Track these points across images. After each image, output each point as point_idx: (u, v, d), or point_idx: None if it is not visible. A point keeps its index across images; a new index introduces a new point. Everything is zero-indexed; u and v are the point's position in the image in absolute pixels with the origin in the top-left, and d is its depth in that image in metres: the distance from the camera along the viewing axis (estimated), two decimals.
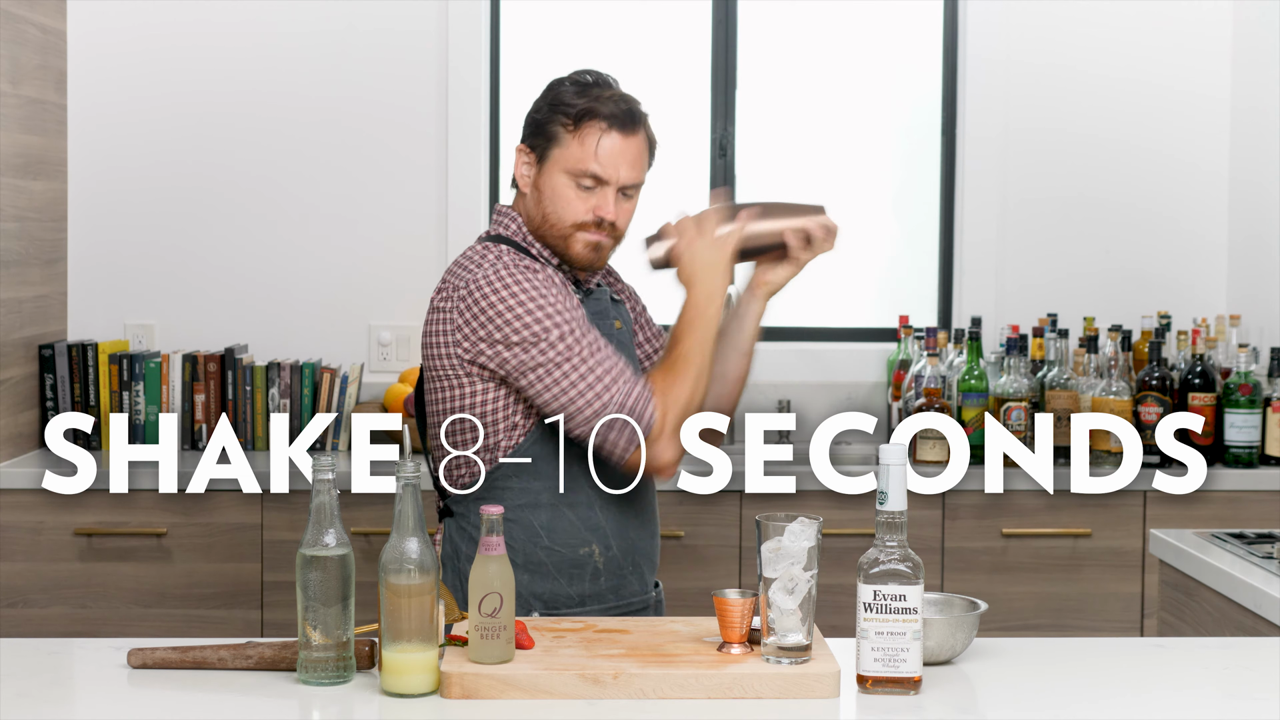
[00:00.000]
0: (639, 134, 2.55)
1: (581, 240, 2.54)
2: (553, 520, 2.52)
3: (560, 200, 2.53)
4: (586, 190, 2.52)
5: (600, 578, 2.53)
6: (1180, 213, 4.43)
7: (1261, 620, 2.57)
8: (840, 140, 4.50)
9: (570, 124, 2.52)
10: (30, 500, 3.69)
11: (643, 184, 2.58)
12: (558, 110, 2.54)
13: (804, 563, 2.03)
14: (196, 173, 4.29)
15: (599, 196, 2.52)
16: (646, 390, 2.46)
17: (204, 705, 1.96)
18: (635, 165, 2.54)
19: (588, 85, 2.55)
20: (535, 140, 2.58)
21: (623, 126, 2.52)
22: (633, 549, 2.57)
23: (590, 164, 2.51)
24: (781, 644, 2.03)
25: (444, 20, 4.28)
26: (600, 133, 2.51)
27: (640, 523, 2.60)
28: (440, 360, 2.51)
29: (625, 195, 2.55)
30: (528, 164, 2.59)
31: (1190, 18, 4.40)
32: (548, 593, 2.52)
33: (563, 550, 2.52)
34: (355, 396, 4.11)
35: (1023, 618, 3.80)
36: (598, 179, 2.51)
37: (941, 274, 4.47)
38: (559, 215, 2.54)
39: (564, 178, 2.53)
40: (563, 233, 2.54)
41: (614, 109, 2.52)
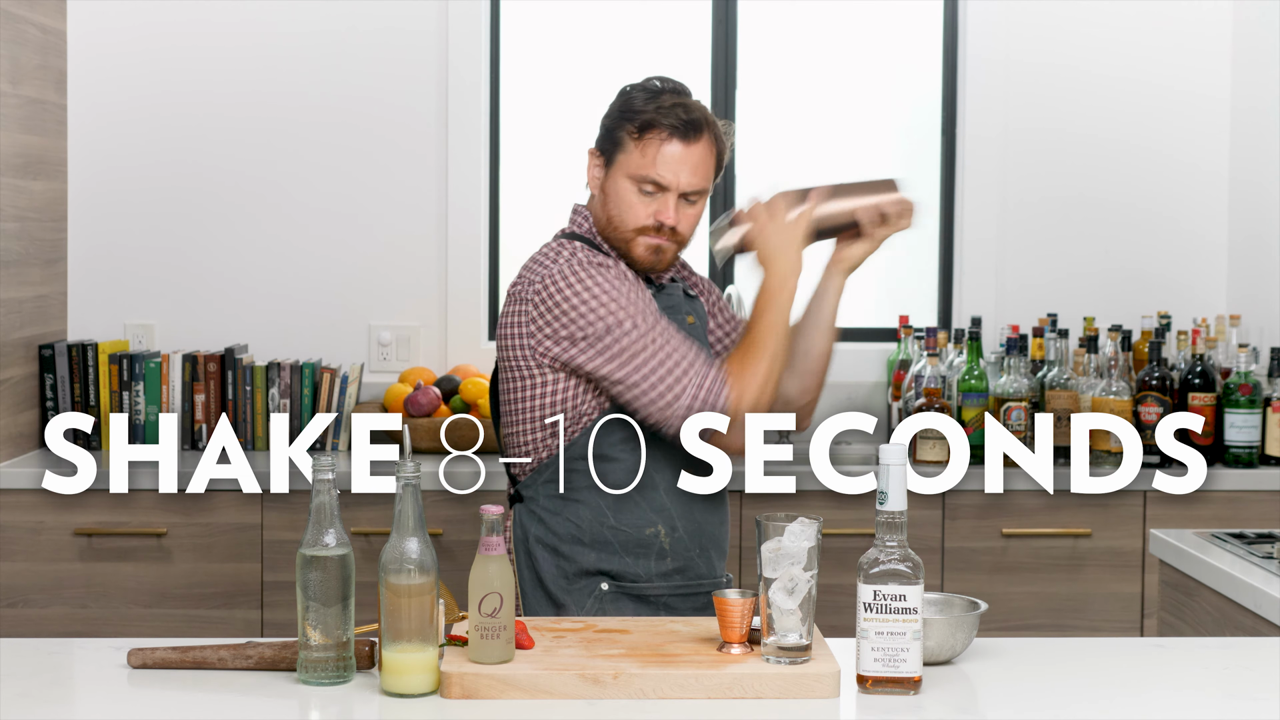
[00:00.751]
0: (702, 141, 2.60)
1: (643, 244, 2.62)
2: (619, 502, 2.59)
3: (623, 204, 2.61)
4: (648, 196, 2.60)
5: (666, 558, 2.61)
6: (1180, 213, 4.43)
7: (1261, 620, 2.57)
8: (840, 140, 4.50)
9: (634, 131, 2.60)
10: (30, 500, 3.69)
11: (708, 190, 2.64)
12: (624, 117, 2.62)
13: (804, 563, 2.03)
14: (196, 173, 4.29)
15: (660, 202, 2.59)
16: (721, 375, 2.52)
17: (204, 705, 1.96)
18: (697, 172, 2.60)
19: (656, 93, 2.62)
20: (604, 145, 2.66)
21: (684, 135, 2.58)
22: (700, 532, 2.64)
23: (650, 171, 2.58)
24: (781, 644, 2.03)
25: (444, 20, 4.28)
26: (661, 141, 2.58)
27: (709, 507, 2.66)
28: (515, 352, 2.61)
29: (688, 201, 2.61)
30: (597, 167, 2.67)
31: (1190, 18, 4.39)
32: (615, 569, 2.60)
33: (629, 530, 2.59)
34: (355, 396, 4.11)
35: (1023, 618, 3.80)
36: (658, 185, 2.59)
37: (941, 274, 4.47)
38: (622, 219, 2.62)
39: (627, 183, 2.60)
40: (625, 236, 2.62)
41: (676, 118, 2.58)
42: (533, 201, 4.44)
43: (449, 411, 4.03)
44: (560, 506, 2.61)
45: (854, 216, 2.63)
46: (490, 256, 4.39)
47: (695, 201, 2.62)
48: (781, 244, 2.59)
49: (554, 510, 2.61)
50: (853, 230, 2.65)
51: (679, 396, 2.50)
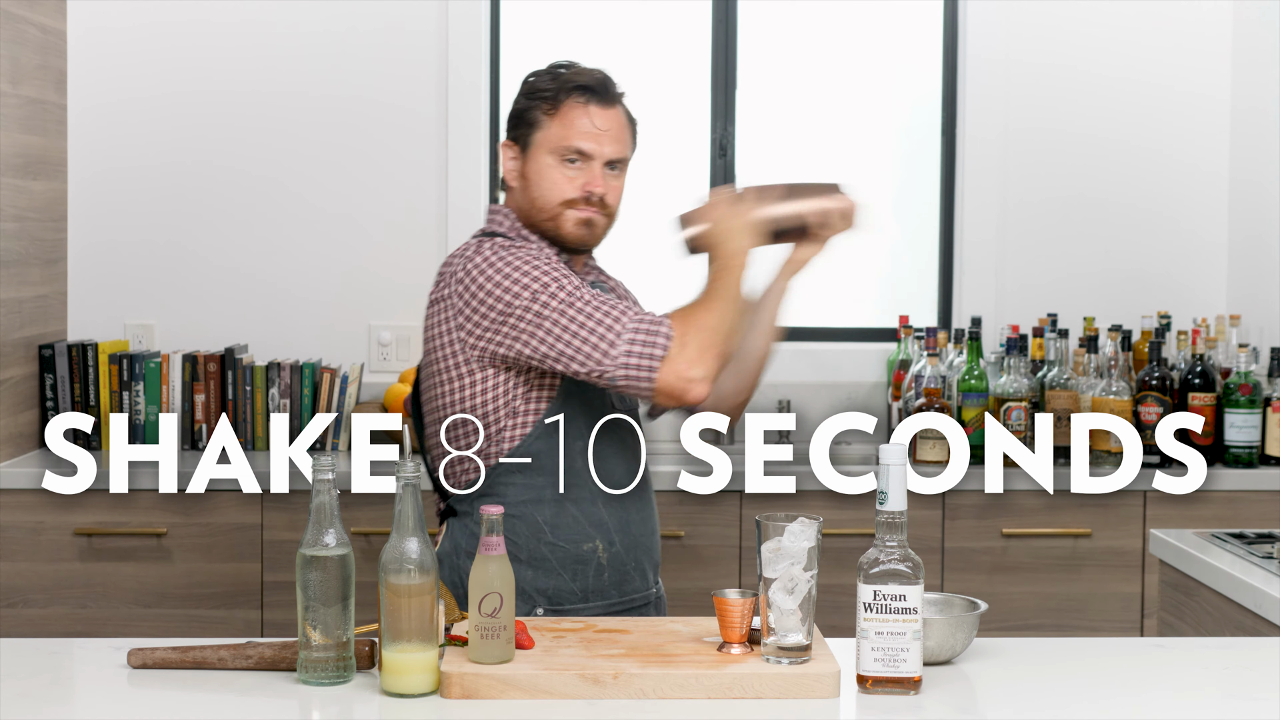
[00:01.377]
0: (617, 107, 2.58)
1: (572, 218, 2.55)
2: (556, 516, 2.52)
3: (546, 181, 2.55)
4: (573, 166, 2.54)
5: (604, 573, 2.54)
6: (1180, 213, 4.43)
7: (1261, 620, 2.57)
8: (840, 140, 4.50)
9: (549, 105, 2.56)
10: (30, 500, 3.69)
11: (628, 160, 2.60)
12: (534, 96, 2.59)
13: (804, 563, 2.03)
14: (196, 173, 4.29)
15: (586, 172, 2.55)
16: (660, 317, 2.44)
17: (204, 705, 1.96)
18: (618, 140, 2.56)
19: (557, 68, 2.60)
20: (517, 131, 2.61)
21: (601, 99, 2.55)
22: (635, 545, 2.58)
23: (573, 139, 2.54)
24: (781, 644, 2.03)
25: (444, 20, 4.28)
26: (579, 107, 2.54)
27: (642, 519, 2.61)
28: (442, 352, 2.52)
29: (612, 170, 2.57)
30: (513, 157, 2.61)
31: (1190, 18, 4.40)
32: (552, 588, 2.52)
33: (566, 546, 2.52)
34: (355, 396, 4.11)
35: (1023, 618, 3.80)
36: (582, 153, 2.54)
37: (941, 274, 4.47)
38: (546, 197, 2.55)
39: (549, 158, 2.55)
40: (552, 214, 2.55)
41: (588, 80, 2.55)
42: None
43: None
44: None
45: (803, 219, 2.61)
46: None
47: (619, 171, 2.58)
48: (731, 231, 2.53)
49: None
50: (800, 233, 2.63)
51: (618, 336, 2.40)
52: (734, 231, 2.53)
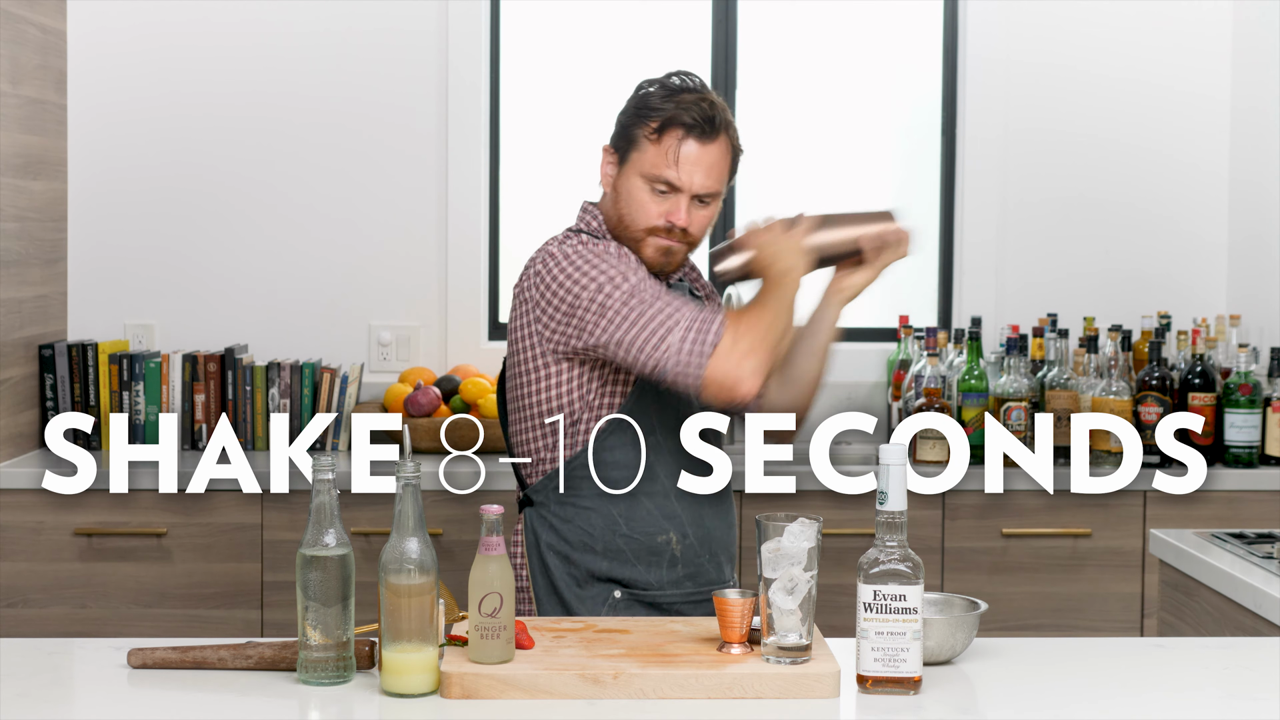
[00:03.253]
0: (718, 141, 2.56)
1: (653, 245, 2.58)
2: (630, 509, 2.57)
3: (635, 203, 2.57)
4: (661, 195, 2.56)
5: (678, 565, 2.59)
6: (1180, 213, 4.43)
7: (1261, 620, 2.57)
8: (840, 140, 4.50)
9: (651, 130, 2.55)
10: (30, 500, 3.69)
11: (721, 193, 2.60)
12: (640, 115, 2.58)
13: (804, 563, 2.03)
14: (196, 173, 4.29)
15: (672, 202, 2.56)
16: (718, 314, 2.48)
17: (204, 705, 1.96)
18: (712, 173, 2.56)
19: (674, 90, 2.57)
20: (619, 142, 2.62)
21: (701, 134, 2.54)
22: (709, 538, 2.62)
23: (664, 170, 2.54)
24: (781, 644, 2.03)
25: (444, 20, 4.28)
26: (677, 140, 2.54)
27: (717, 513, 2.65)
28: (523, 344, 2.59)
29: (701, 203, 2.57)
30: (611, 164, 2.63)
31: (1190, 18, 4.40)
32: (628, 578, 2.58)
33: (640, 538, 2.57)
34: (355, 396, 4.11)
35: (1023, 618, 3.80)
36: (671, 185, 2.55)
37: (941, 274, 4.47)
38: (633, 218, 2.58)
39: (640, 181, 2.56)
40: (635, 236, 2.58)
41: (693, 116, 2.53)
42: (533, 201, 4.44)
43: (449, 411, 4.03)
44: (572, 514, 2.58)
45: (857, 244, 2.62)
46: (490, 256, 4.39)
47: (708, 203, 2.58)
48: (783, 251, 2.55)
49: (566, 518, 2.59)
50: (853, 259, 2.64)
51: (671, 330, 2.43)
52: (786, 253, 2.55)
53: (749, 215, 4.45)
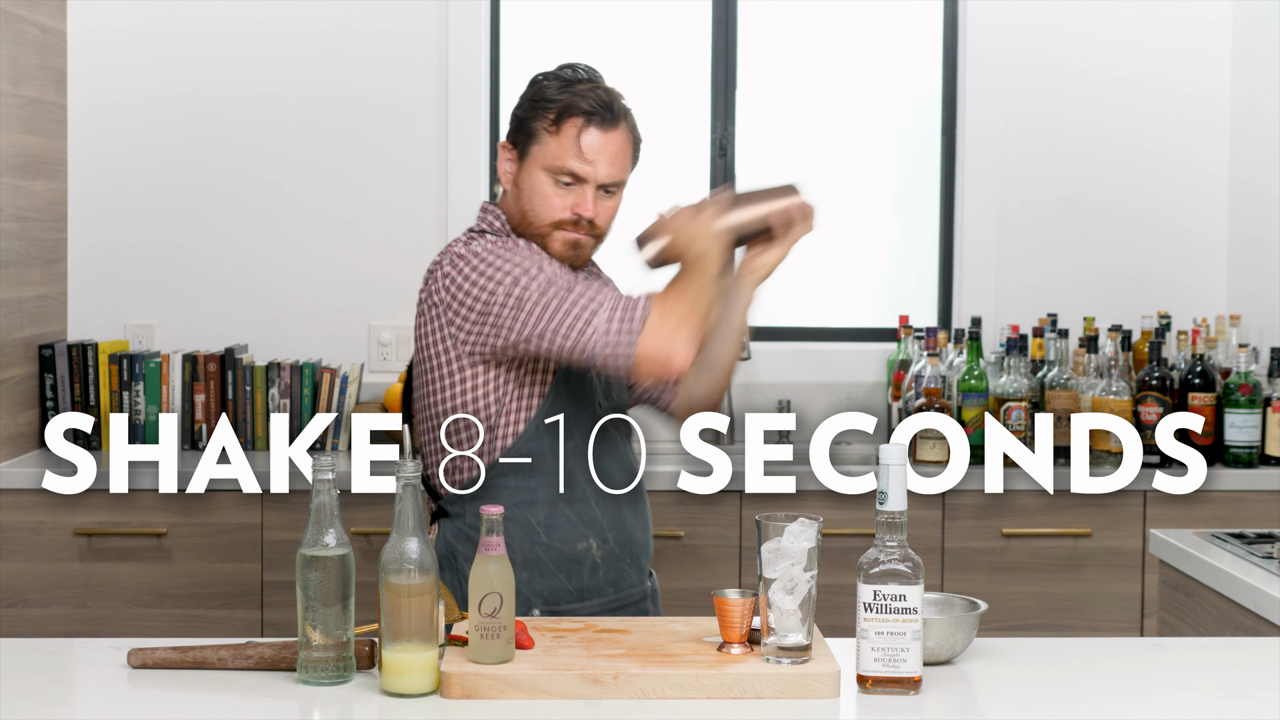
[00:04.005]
0: (619, 129, 2.52)
1: (559, 239, 2.53)
2: (550, 517, 2.52)
3: (539, 198, 2.52)
4: (565, 187, 2.51)
5: (599, 571, 2.54)
6: (1180, 213, 4.43)
7: (1261, 620, 2.57)
8: (840, 140, 4.50)
9: (549, 121, 2.51)
10: (30, 500, 3.69)
11: (625, 182, 2.56)
12: (537, 107, 2.54)
13: (804, 563, 2.03)
14: (196, 173, 4.29)
15: (577, 194, 2.51)
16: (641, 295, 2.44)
17: (204, 705, 1.96)
18: (615, 162, 2.52)
19: (568, 81, 2.54)
20: (517, 137, 2.57)
21: (602, 122, 2.50)
22: (629, 541, 2.58)
23: (568, 161, 2.49)
24: (781, 644, 2.03)
25: (444, 20, 4.28)
26: (578, 129, 2.49)
27: (634, 513, 2.61)
28: (433, 350, 2.52)
29: (606, 193, 2.53)
30: (510, 160, 2.58)
31: (1190, 18, 4.40)
32: (547, 589, 2.52)
33: (561, 546, 2.52)
34: (355, 396, 4.11)
35: (1023, 618, 3.80)
36: (576, 176, 2.50)
37: (941, 274, 4.47)
38: (537, 213, 2.53)
39: (543, 175, 2.51)
40: (541, 231, 2.53)
41: (592, 104, 2.49)
42: None
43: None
44: None
45: (766, 221, 2.57)
46: None
47: (614, 193, 2.54)
48: (697, 235, 2.49)
49: None
50: (763, 236, 2.59)
51: (595, 313, 2.39)
52: (700, 236, 2.49)
53: None
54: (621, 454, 2.61)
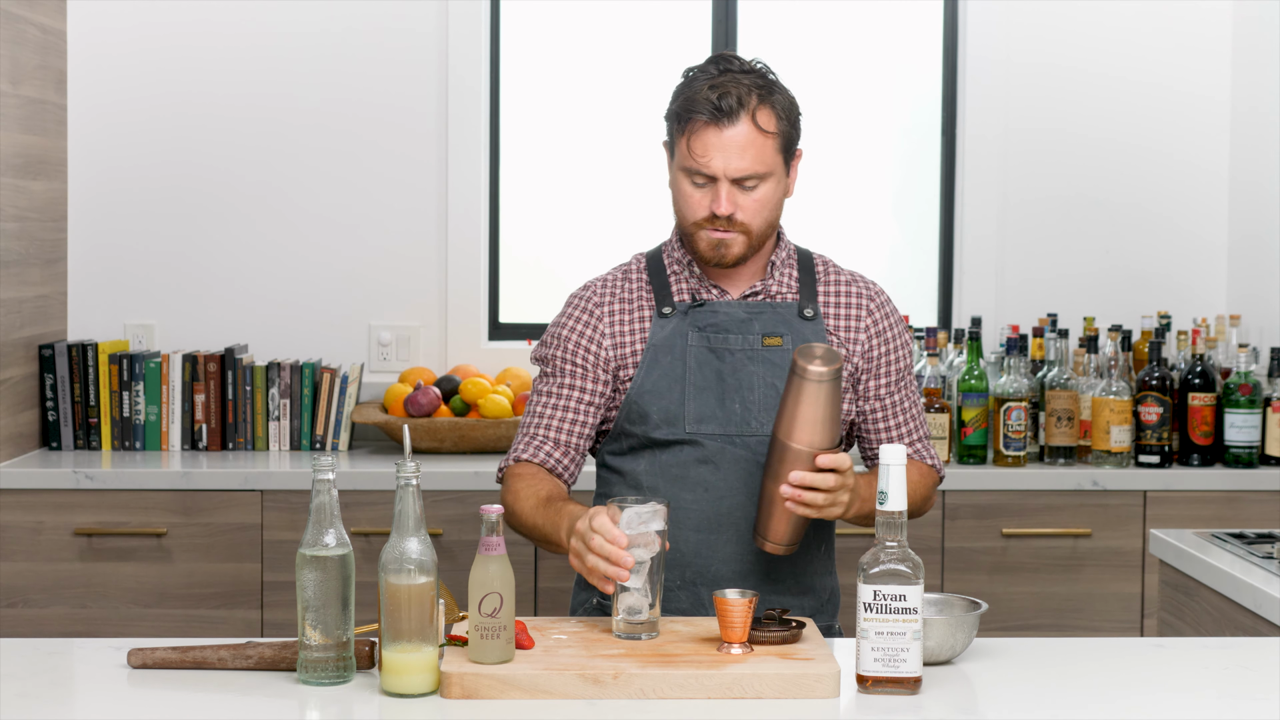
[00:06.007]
0: (740, 122, 2.42)
1: (704, 239, 2.49)
2: None
3: (681, 198, 2.50)
4: (700, 187, 2.47)
5: None
6: (1180, 213, 4.43)
7: (1261, 620, 2.57)
8: (840, 140, 4.50)
9: (677, 123, 2.49)
10: (30, 500, 3.69)
11: (766, 174, 2.46)
12: (671, 108, 2.51)
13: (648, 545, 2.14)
14: (196, 173, 4.29)
15: (712, 192, 2.46)
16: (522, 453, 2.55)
17: (204, 705, 1.96)
18: (744, 154, 2.43)
19: (692, 79, 2.48)
20: (667, 140, 2.54)
21: (716, 119, 2.42)
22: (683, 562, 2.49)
23: (688, 161, 2.46)
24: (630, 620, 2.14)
25: (444, 20, 4.28)
26: (696, 129, 2.44)
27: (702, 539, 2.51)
28: None
29: (743, 187, 2.46)
30: (668, 163, 2.55)
31: (1190, 18, 4.40)
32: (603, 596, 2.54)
33: None
34: (355, 396, 4.11)
35: (1023, 618, 3.80)
36: (703, 175, 2.46)
37: (941, 274, 4.47)
38: (682, 214, 2.51)
39: (681, 176, 2.49)
40: (689, 231, 2.51)
41: (704, 103, 2.43)
42: (533, 202, 4.44)
43: (449, 411, 4.03)
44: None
45: None
46: (490, 256, 4.39)
47: (753, 187, 2.45)
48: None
49: None
50: None
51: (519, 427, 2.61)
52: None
53: None
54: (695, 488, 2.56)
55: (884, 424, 2.58)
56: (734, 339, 2.51)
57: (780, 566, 2.49)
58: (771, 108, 2.45)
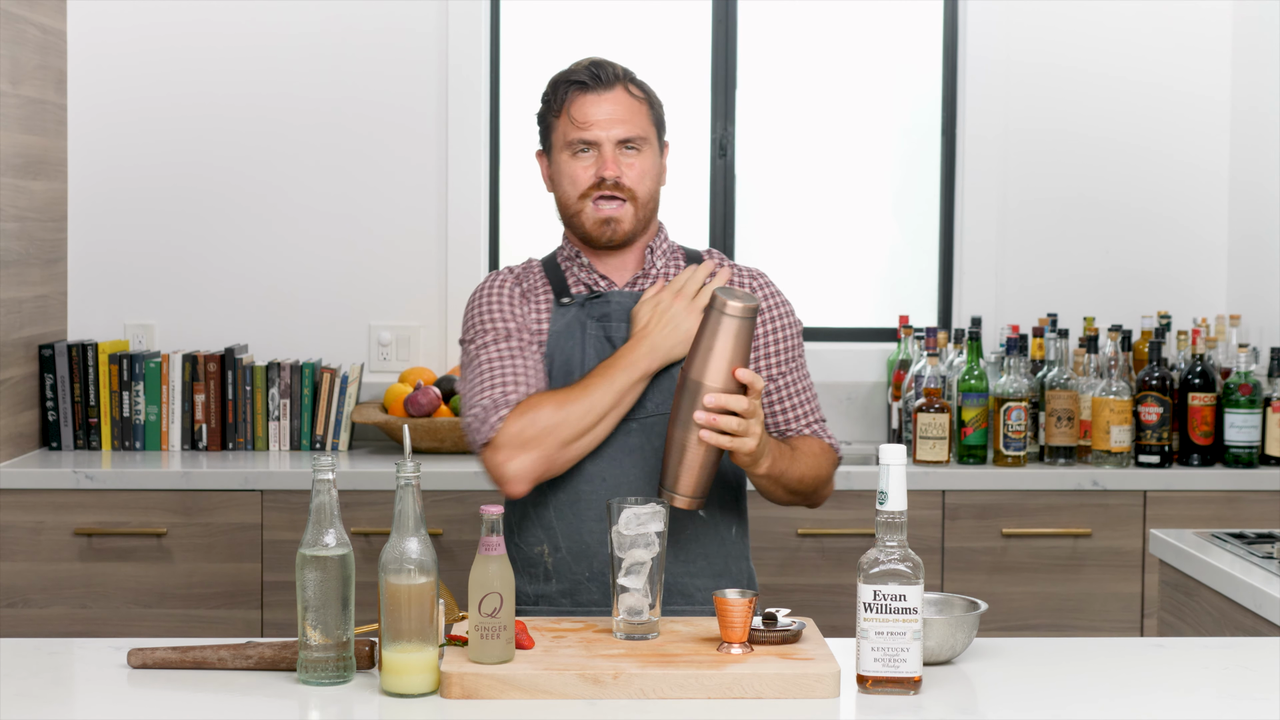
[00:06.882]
0: (616, 89, 2.51)
1: (590, 214, 2.51)
2: (521, 519, 2.54)
3: (565, 178, 2.53)
4: (583, 155, 2.51)
5: (551, 580, 2.50)
6: (1180, 213, 4.43)
7: (1261, 620, 2.57)
8: (840, 140, 4.50)
9: (553, 106, 2.54)
10: (30, 500, 3.69)
11: (647, 138, 2.52)
12: (544, 101, 2.58)
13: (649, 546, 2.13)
14: (196, 173, 4.29)
15: (597, 159, 2.50)
16: (505, 400, 2.42)
17: (204, 705, 1.96)
18: (626, 120, 2.50)
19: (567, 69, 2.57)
20: (542, 141, 2.61)
21: (594, 83, 2.50)
22: (589, 553, 2.49)
23: (571, 133, 2.51)
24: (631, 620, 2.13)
25: (444, 20, 4.28)
26: (577, 99, 2.51)
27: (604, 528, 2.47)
28: None
29: (627, 150, 2.51)
30: (545, 165, 2.61)
31: (1190, 18, 4.40)
32: (519, 590, 2.52)
33: (523, 548, 2.53)
34: (355, 396, 4.11)
35: (1023, 618, 3.80)
36: (586, 141, 2.50)
37: (941, 274, 4.47)
38: (567, 193, 2.54)
39: (563, 155, 2.53)
40: (575, 210, 2.53)
41: (581, 72, 2.52)
42: (533, 202, 4.44)
43: (449, 411, 4.03)
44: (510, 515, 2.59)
45: None
46: (490, 256, 4.39)
47: (637, 149, 2.50)
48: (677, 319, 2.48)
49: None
50: None
51: (472, 409, 2.45)
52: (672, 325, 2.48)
53: (751, 214, 4.46)
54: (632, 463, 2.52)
55: (783, 404, 2.58)
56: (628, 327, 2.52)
57: (691, 548, 2.50)
58: (639, 84, 2.55)
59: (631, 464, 2.49)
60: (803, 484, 2.50)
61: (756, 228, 4.47)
